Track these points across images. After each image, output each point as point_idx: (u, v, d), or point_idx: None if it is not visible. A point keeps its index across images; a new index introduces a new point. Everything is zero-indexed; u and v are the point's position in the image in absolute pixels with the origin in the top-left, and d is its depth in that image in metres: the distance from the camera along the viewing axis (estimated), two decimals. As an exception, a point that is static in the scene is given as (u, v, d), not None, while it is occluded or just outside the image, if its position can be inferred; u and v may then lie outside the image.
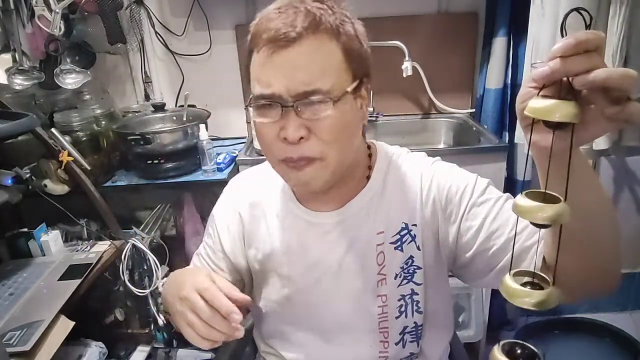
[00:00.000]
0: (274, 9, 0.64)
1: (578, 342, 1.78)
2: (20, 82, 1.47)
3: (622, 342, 1.72)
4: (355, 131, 0.70)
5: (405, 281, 0.76)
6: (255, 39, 0.64)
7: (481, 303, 1.71)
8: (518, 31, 1.63)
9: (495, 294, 1.73)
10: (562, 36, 0.39)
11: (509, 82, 1.70)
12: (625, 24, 1.22)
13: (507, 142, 1.69)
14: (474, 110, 1.88)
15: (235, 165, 1.60)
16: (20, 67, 1.47)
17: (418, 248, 0.75)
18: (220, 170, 1.56)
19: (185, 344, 1.65)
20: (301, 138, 0.63)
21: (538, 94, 0.41)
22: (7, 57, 1.49)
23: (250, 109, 0.67)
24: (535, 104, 0.39)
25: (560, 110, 0.38)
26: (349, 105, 0.65)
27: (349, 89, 0.65)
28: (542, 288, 0.40)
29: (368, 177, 0.77)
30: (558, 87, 0.40)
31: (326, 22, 0.62)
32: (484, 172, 0.76)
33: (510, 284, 0.40)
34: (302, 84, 0.61)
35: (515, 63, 1.68)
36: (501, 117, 1.73)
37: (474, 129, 1.74)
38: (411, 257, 0.75)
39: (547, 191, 0.40)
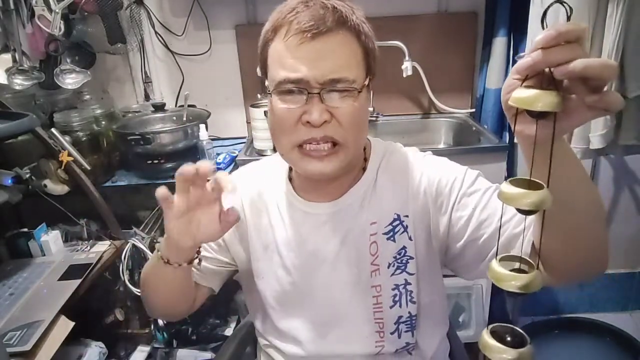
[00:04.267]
0: (299, 2, 0.67)
1: (578, 342, 1.78)
2: (20, 82, 1.46)
3: (622, 342, 1.72)
4: (367, 123, 0.75)
5: (398, 271, 0.78)
6: (280, 28, 0.67)
7: (481, 303, 1.70)
8: (518, 31, 1.63)
9: (496, 293, 1.73)
10: (543, 28, 0.40)
11: (509, 82, 1.70)
12: (622, 23, 1.23)
13: (507, 142, 1.68)
14: (473, 110, 1.88)
15: (235, 166, 1.60)
16: (20, 67, 1.47)
17: (410, 239, 0.77)
18: (220, 170, 1.56)
19: (185, 344, 1.65)
20: (324, 122, 0.67)
21: (521, 84, 0.43)
22: (7, 57, 1.48)
23: (271, 96, 0.69)
24: (518, 94, 0.40)
25: (542, 99, 0.39)
26: (365, 98, 0.71)
27: (366, 83, 0.70)
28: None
29: (364, 169, 0.80)
30: (541, 77, 0.42)
31: (351, 20, 0.67)
32: (484, 172, 0.77)
33: (497, 269, 0.41)
34: (330, 72, 0.65)
35: (515, 63, 1.67)
36: (501, 117, 1.73)
37: (474, 129, 1.74)
38: (404, 247, 0.77)
39: (531, 178, 0.41)
